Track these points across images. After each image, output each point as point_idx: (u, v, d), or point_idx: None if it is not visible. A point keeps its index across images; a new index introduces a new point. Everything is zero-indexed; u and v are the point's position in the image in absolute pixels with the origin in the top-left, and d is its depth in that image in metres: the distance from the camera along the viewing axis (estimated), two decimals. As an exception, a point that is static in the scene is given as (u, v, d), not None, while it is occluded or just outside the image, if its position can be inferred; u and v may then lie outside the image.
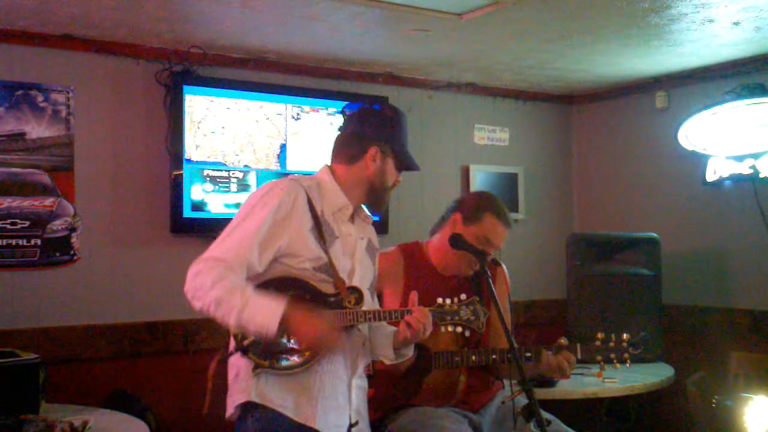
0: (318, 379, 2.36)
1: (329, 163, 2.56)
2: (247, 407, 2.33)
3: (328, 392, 2.37)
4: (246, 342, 2.31)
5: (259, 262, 2.30)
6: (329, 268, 2.37)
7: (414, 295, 2.44)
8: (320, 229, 2.38)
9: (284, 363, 2.32)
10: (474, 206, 3.01)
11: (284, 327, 2.20)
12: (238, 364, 2.35)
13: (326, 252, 2.37)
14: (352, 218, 2.51)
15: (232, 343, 2.36)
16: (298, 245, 2.34)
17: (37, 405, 2.93)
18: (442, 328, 2.47)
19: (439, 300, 2.46)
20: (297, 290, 2.33)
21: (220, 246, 2.30)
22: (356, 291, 2.40)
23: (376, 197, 2.52)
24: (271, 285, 2.33)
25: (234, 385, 2.37)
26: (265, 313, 2.18)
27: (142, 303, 3.86)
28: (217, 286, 2.19)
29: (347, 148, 2.51)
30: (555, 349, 2.81)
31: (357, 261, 2.49)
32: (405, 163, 2.54)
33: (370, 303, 2.50)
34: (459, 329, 2.48)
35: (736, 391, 3.59)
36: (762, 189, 4.25)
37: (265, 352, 2.32)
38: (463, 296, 2.47)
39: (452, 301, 2.47)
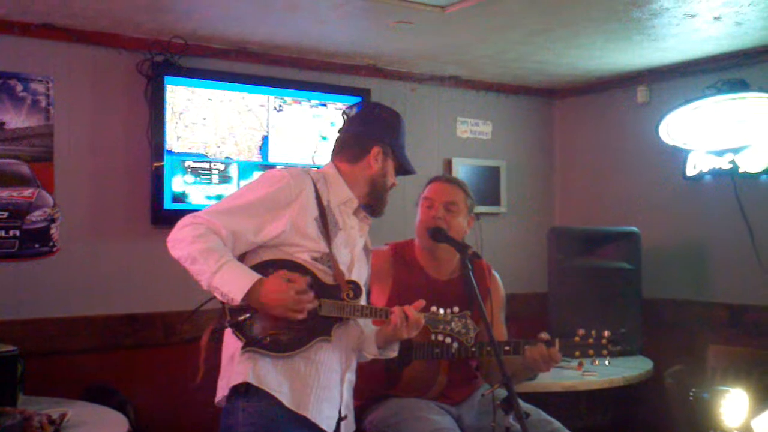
0: (314, 369, 2.37)
1: (331, 161, 2.59)
2: (240, 389, 2.31)
3: (323, 383, 2.38)
4: (240, 318, 2.30)
5: (254, 234, 2.33)
6: (330, 260, 2.40)
7: (420, 303, 2.47)
8: (325, 220, 2.41)
9: (274, 344, 2.31)
10: None
11: (252, 301, 2.24)
12: (234, 346, 2.34)
13: (329, 243, 2.40)
14: (355, 213, 2.54)
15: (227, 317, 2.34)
16: (298, 234, 2.37)
17: (14, 397, 2.92)
18: (432, 336, 2.49)
19: (433, 308, 2.48)
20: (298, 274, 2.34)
21: (214, 208, 2.36)
22: (355, 285, 2.42)
23: (377, 197, 2.56)
24: (271, 266, 2.35)
25: (229, 366, 2.37)
26: (233, 283, 2.23)
27: (122, 295, 3.84)
28: (196, 243, 2.24)
29: (350, 147, 2.56)
30: (534, 343, 2.81)
31: (356, 256, 2.52)
32: (404, 166, 2.61)
33: (365, 300, 2.53)
34: (448, 340, 2.49)
35: (713, 384, 3.62)
36: (741, 184, 4.28)
37: (254, 331, 2.31)
38: (456, 309, 2.49)
39: (445, 311, 2.50)
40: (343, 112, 2.64)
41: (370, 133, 2.54)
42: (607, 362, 2.85)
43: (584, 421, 3.88)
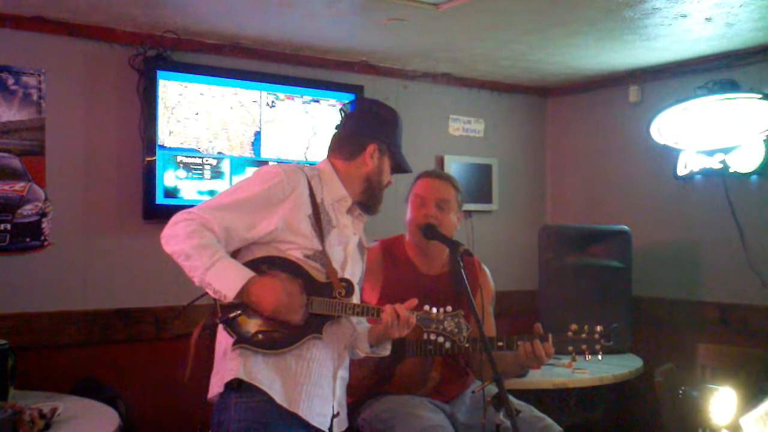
0: (305, 366, 2.37)
1: (327, 158, 2.58)
2: (233, 385, 2.31)
3: (314, 380, 2.38)
4: (231, 315, 2.30)
5: (246, 230, 2.33)
6: (323, 257, 2.40)
7: (413, 302, 2.46)
8: (319, 217, 2.40)
9: (265, 341, 2.31)
10: None
11: (244, 298, 2.25)
12: (226, 342, 2.35)
13: (322, 241, 2.40)
14: (349, 212, 2.54)
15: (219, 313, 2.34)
16: (291, 232, 2.37)
17: (5, 391, 2.91)
18: (425, 335, 2.49)
19: (426, 307, 2.48)
20: (290, 273, 2.35)
21: (207, 205, 2.36)
22: (347, 283, 2.41)
23: (372, 195, 2.55)
24: (264, 263, 2.35)
25: (221, 363, 2.37)
26: (226, 280, 2.24)
27: (114, 290, 3.83)
28: (190, 239, 2.25)
29: (346, 144, 2.55)
30: (527, 338, 2.82)
31: (349, 254, 2.52)
32: (400, 164, 2.61)
33: (358, 298, 2.53)
34: (441, 339, 2.49)
35: (703, 382, 3.63)
36: (731, 183, 4.31)
37: (246, 328, 2.31)
38: (449, 308, 2.49)
39: (438, 311, 2.49)
40: (341, 109, 2.63)
41: (366, 131, 2.54)
42: (600, 357, 2.84)
43: (574, 418, 3.89)
